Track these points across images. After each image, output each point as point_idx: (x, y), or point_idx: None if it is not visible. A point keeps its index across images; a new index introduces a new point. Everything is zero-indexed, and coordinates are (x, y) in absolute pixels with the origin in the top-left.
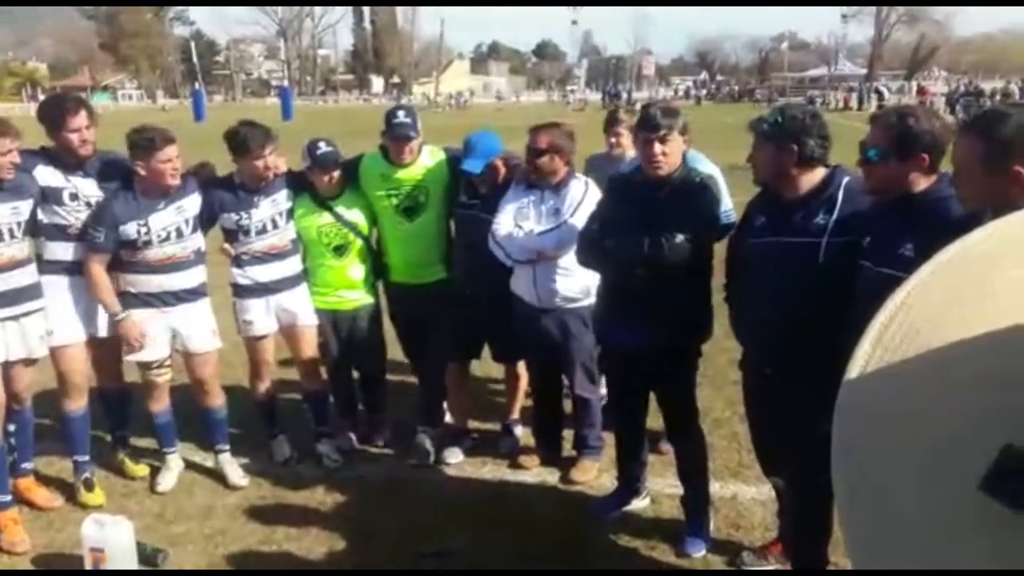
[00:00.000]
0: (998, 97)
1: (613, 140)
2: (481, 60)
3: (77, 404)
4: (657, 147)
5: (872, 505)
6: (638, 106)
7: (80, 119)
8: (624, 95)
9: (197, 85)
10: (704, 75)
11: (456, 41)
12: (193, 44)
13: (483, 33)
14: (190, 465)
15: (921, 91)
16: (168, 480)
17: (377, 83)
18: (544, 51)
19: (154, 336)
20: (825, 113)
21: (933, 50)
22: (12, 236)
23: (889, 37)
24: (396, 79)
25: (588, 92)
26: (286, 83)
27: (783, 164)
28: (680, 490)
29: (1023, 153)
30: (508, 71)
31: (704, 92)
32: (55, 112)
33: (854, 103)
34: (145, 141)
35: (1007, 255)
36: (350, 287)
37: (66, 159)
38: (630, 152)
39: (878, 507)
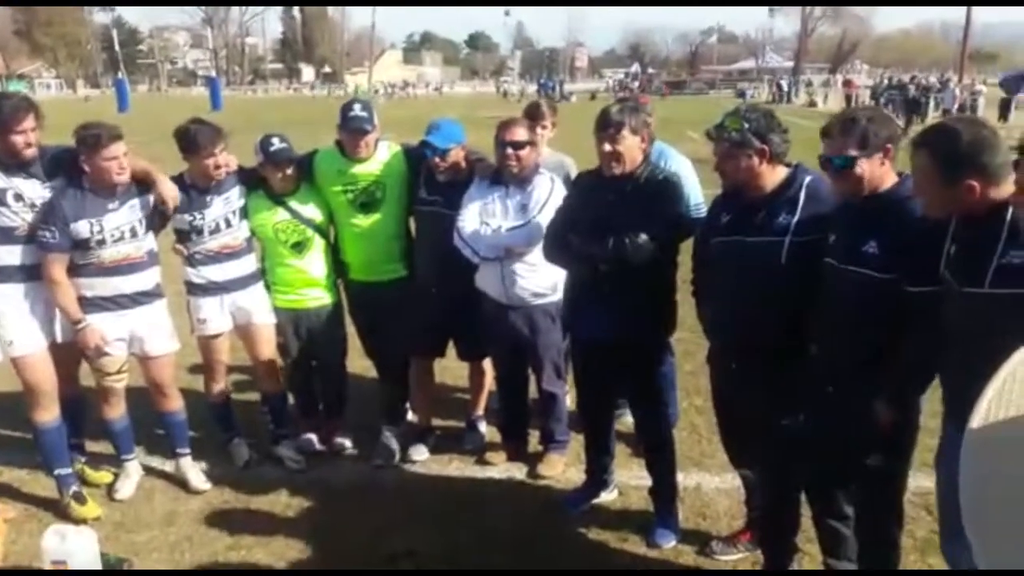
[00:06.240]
0: (913, 91)
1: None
2: (414, 50)
3: (50, 415)
4: (607, 146)
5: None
6: (574, 99)
7: (28, 122)
8: (556, 86)
9: (120, 74)
10: (636, 67)
11: (388, 31)
12: (115, 32)
13: (415, 23)
14: (149, 471)
15: (847, 84)
16: (127, 487)
17: (308, 72)
18: (477, 42)
19: (112, 342)
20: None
21: (855, 45)
22: None
23: (815, 31)
24: (327, 68)
25: (524, 83)
26: (214, 73)
27: (755, 166)
28: (647, 481)
29: (973, 166)
30: (442, 61)
31: (636, 85)
32: (1, 114)
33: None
34: (91, 138)
35: None
36: (311, 285)
37: (6, 160)
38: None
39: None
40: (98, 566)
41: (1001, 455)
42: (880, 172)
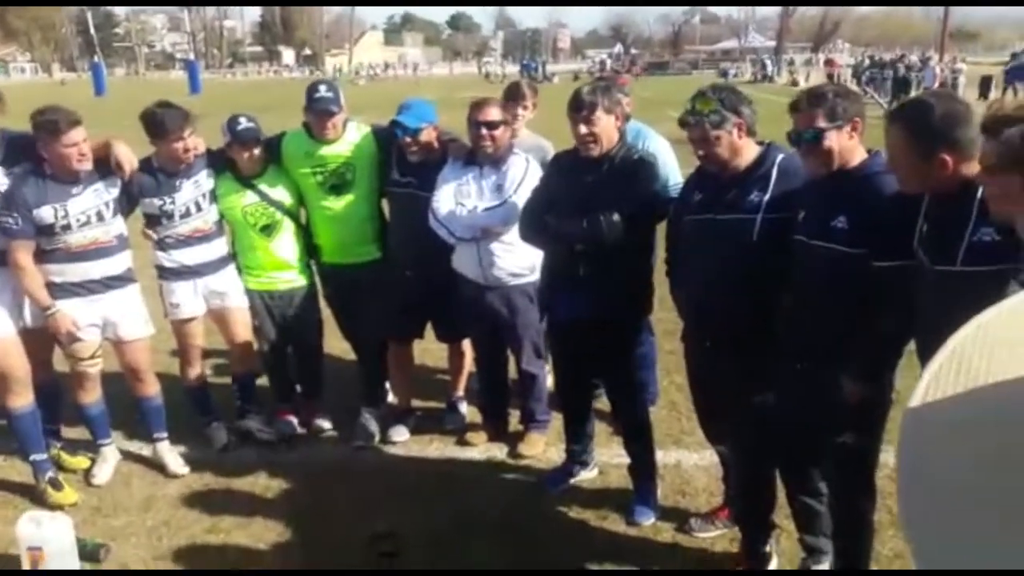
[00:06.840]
0: (901, 68)
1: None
2: (395, 31)
3: (23, 400)
4: (583, 127)
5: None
6: (556, 79)
7: None
8: (538, 67)
9: (96, 58)
10: (619, 47)
11: (368, 12)
12: (89, 15)
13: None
14: (126, 455)
15: (829, 63)
16: (104, 472)
17: (287, 55)
18: (459, 23)
19: (85, 327)
20: (739, 86)
21: (837, 24)
22: None
23: (796, 11)
24: (307, 51)
25: (507, 64)
26: (192, 56)
27: (736, 141)
28: (626, 459)
29: (946, 140)
30: (423, 42)
31: (620, 65)
32: None
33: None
34: (49, 124)
35: None
36: (282, 268)
37: None
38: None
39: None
40: (74, 552)
41: (937, 439)
42: (849, 146)
